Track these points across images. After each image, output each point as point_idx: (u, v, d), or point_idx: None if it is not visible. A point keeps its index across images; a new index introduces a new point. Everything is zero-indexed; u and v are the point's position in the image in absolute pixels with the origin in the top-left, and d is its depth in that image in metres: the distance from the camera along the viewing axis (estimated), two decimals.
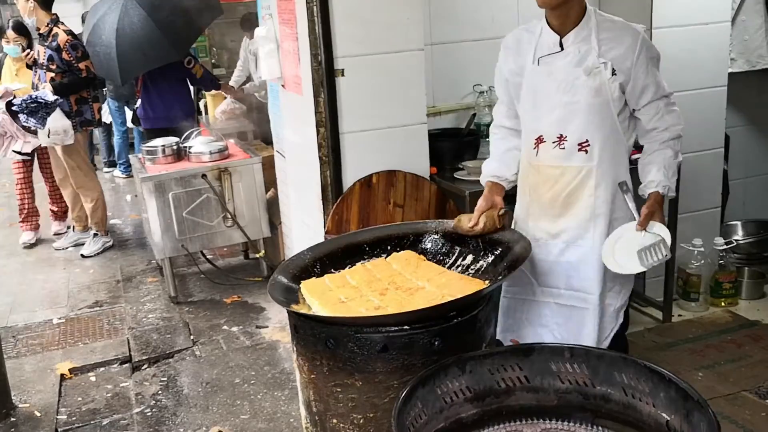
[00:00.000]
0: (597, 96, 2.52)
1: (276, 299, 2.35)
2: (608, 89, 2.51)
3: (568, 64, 2.56)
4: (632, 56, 2.50)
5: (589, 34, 2.54)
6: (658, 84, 2.56)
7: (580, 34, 2.55)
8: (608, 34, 2.53)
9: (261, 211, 4.94)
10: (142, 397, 3.72)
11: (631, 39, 2.51)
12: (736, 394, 3.34)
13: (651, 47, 2.57)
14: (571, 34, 2.56)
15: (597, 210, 2.61)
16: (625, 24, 2.59)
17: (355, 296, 2.33)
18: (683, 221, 4.06)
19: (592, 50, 2.52)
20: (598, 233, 2.61)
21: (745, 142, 4.75)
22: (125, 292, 5.11)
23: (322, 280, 2.49)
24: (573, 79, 2.55)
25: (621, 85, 2.53)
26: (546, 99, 2.63)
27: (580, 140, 2.58)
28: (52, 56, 5.50)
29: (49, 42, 5.51)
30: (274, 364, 3.93)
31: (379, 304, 2.25)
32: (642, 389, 1.80)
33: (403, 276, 2.45)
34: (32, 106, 5.35)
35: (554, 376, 1.90)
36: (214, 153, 4.88)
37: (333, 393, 2.17)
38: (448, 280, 2.36)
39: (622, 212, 2.63)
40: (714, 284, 4.19)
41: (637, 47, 2.51)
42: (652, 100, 2.57)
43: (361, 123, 3.56)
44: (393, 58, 3.48)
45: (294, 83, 3.81)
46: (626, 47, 2.51)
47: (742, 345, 3.79)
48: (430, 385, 1.82)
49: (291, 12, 3.65)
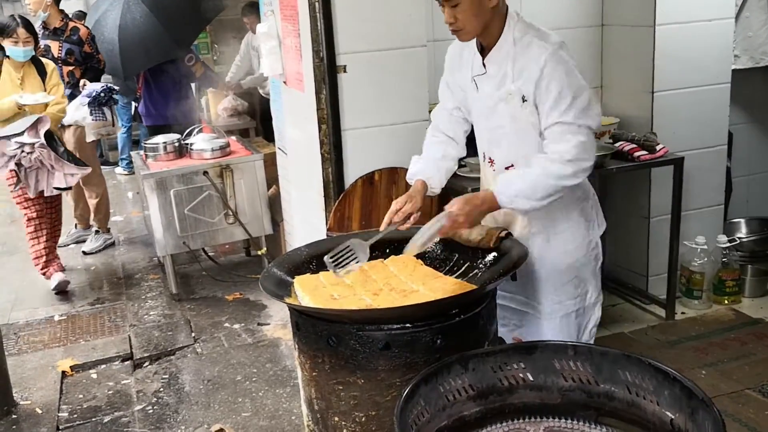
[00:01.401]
0: (515, 122, 2.42)
1: (267, 290, 2.33)
2: (522, 115, 2.40)
3: (491, 87, 2.45)
4: (535, 79, 2.31)
5: (507, 54, 2.38)
6: (557, 109, 2.31)
7: (499, 53, 2.40)
8: (521, 53, 2.35)
9: (263, 208, 4.93)
10: (144, 395, 3.71)
11: (535, 62, 2.31)
12: (739, 393, 3.33)
13: (556, 69, 2.29)
14: (492, 53, 2.42)
15: (532, 229, 2.55)
16: (535, 40, 2.34)
17: (348, 294, 2.31)
18: (686, 219, 4.05)
19: (507, 73, 2.38)
20: (536, 249, 2.52)
21: (748, 139, 4.73)
22: (127, 289, 5.10)
23: (316, 277, 2.47)
24: (494, 104, 2.45)
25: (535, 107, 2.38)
26: (477, 120, 2.59)
27: (506, 164, 2.52)
28: (71, 50, 5.55)
29: (67, 36, 5.55)
30: (275, 362, 3.93)
31: (371, 304, 2.24)
32: (646, 387, 1.77)
33: (398, 278, 2.44)
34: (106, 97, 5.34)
35: (557, 374, 1.88)
36: (215, 150, 4.86)
37: (335, 391, 2.16)
38: (443, 284, 2.34)
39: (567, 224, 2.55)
40: (717, 282, 4.18)
41: (540, 71, 2.30)
42: (550, 125, 2.34)
43: (363, 120, 3.55)
44: (395, 54, 3.47)
45: (296, 80, 3.80)
46: (530, 71, 2.32)
47: (745, 343, 3.78)
48: (432, 383, 1.80)
49: (293, 8, 3.63)
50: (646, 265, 4.21)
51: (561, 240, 2.56)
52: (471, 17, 2.32)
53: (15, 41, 4.70)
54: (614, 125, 4.02)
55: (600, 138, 3.95)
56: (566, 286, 2.60)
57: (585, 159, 2.32)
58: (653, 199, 4.08)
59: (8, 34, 4.64)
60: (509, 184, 2.35)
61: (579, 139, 2.30)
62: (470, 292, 2.22)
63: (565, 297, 2.61)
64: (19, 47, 4.72)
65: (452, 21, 2.34)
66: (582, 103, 2.32)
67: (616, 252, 4.35)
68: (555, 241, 2.55)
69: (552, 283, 2.59)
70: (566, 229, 2.55)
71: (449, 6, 2.31)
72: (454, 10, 2.31)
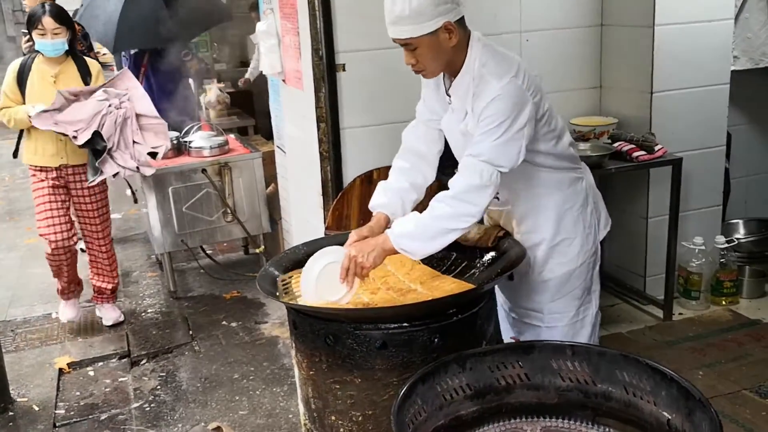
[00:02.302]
0: None
1: (263, 289, 2.33)
2: None
3: (456, 119, 2.40)
4: (479, 114, 2.25)
5: (467, 89, 2.31)
6: (475, 141, 2.25)
7: (461, 85, 2.33)
8: (478, 90, 2.27)
9: (261, 206, 4.92)
10: (141, 392, 3.71)
11: (484, 100, 2.23)
12: (736, 393, 3.33)
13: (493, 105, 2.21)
14: (454, 86, 2.35)
15: (528, 243, 2.51)
16: (491, 79, 2.26)
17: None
18: (684, 219, 4.05)
19: (467, 107, 2.32)
20: (536, 258, 2.49)
21: (747, 140, 4.73)
22: (124, 287, 5.09)
23: None
24: (459, 135, 2.40)
25: None
26: (451, 144, 2.53)
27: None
28: None
29: None
30: (273, 360, 3.92)
31: (368, 302, 2.24)
32: (643, 387, 1.78)
33: (396, 277, 2.44)
34: None
35: (555, 373, 1.89)
36: (214, 148, 4.86)
37: (332, 390, 2.16)
38: (441, 283, 2.34)
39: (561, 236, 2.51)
40: (715, 283, 4.18)
41: (483, 108, 2.24)
42: (466, 154, 2.27)
43: (362, 118, 3.55)
44: (394, 53, 3.40)
45: (295, 78, 3.79)
46: (480, 107, 2.25)
47: (743, 344, 3.78)
48: (429, 382, 1.81)
49: (292, 6, 3.63)
50: (644, 265, 4.21)
51: (558, 252, 2.53)
52: (430, 60, 2.27)
53: (42, 32, 4.02)
54: (613, 125, 4.02)
55: (599, 138, 3.96)
56: (566, 297, 2.58)
57: (468, 202, 2.21)
58: (651, 199, 4.08)
59: (34, 25, 4.03)
60: (400, 224, 2.26)
61: (471, 181, 2.21)
62: (468, 292, 2.22)
63: (568, 308, 2.59)
64: (47, 39, 4.02)
65: (413, 63, 2.29)
66: (502, 139, 2.21)
67: (614, 252, 4.35)
68: (552, 253, 2.53)
69: (551, 295, 2.57)
70: (563, 240, 2.53)
71: (408, 50, 2.26)
72: (414, 52, 2.26)
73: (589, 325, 2.66)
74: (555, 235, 2.52)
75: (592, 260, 2.61)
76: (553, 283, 2.56)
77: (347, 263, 2.22)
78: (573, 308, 2.60)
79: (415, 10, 2.16)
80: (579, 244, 2.55)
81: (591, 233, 2.59)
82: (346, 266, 2.22)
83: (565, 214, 2.52)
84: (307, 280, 2.25)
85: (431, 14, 2.18)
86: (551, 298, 2.58)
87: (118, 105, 4.09)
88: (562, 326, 2.60)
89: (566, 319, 2.60)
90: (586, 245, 2.57)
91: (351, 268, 2.22)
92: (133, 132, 4.18)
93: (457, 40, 2.26)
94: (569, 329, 2.61)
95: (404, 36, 2.22)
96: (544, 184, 2.48)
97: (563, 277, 2.55)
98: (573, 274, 2.56)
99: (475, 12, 3.92)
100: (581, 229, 2.55)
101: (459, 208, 2.21)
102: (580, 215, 2.55)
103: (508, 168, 2.24)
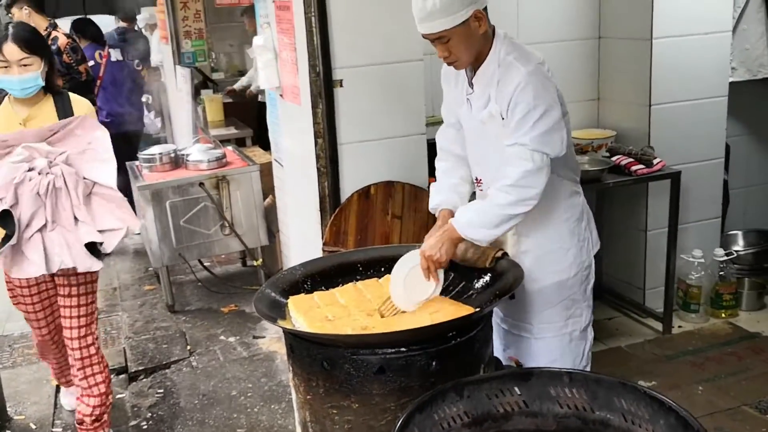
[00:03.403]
0: (499, 142, 2.40)
1: (261, 313, 2.32)
2: (504, 135, 2.37)
3: (478, 107, 2.45)
4: (508, 100, 2.32)
5: (492, 75, 2.38)
6: (517, 130, 2.31)
7: (484, 74, 2.40)
8: (503, 74, 2.35)
9: (259, 219, 4.91)
10: (138, 409, 3.69)
11: (511, 84, 2.31)
12: (736, 409, 3.32)
13: (525, 91, 2.28)
14: (478, 74, 2.43)
15: (522, 247, 2.54)
16: (515, 62, 2.34)
17: (343, 315, 2.30)
18: (683, 232, 4.04)
19: (491, 94, 2.38)
20: (525, 268, 2.47)
21: (745, 151, 4.72)
22: (122, 301, 5.08)
23: (310, 297, 2.46)
24: (480, 123, 2.46)
25: None
26: (468, 139, 2.59)
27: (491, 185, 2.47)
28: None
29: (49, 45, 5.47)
30: (271, 376, 3.91)
31: (366, 325, 2.23)
32: (641, 415, 1.76)
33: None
34: None
35: (553, 400, 1.87)
36: (211, 161, 4.85)
37: (329, 414, 2.15)
38: (439, 305, 2.33)
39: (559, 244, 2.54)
40: (714, 295, 4.16)
41: (512, 92, 2.30)
42: (508, 146, 2.34)
43: (359, 133, 3.54)
44: (392, 68, 3.45)
45: (292, 93, 3.78)
46: (507, 92, 2.32)
47: (742, 357, 3.77)
48: (427, 411, 1.79)
49: (289, 22, 3.62)
50: (643, 278, 4.20)
51: (551, 260, 2.54)
52: (463, 50, 2.34)
53: (5, 65, 2.90)
54: (611, 138, 4.01)
55: (597, 151, 3.95)
56: (556, 308, 2.58)
57: (527, 187, 2.29)
58: (650, 212, 4.07)
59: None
60: (462, 213, 2.38)
61: (525, 167, 2.28)
62: (467, 316, 2.20)
63: (556, 318, 2.60)
64: (13, 74, 2.91)
65: (446, 55, 2.36)
66: (543, 127, 2.29)
67: (613, 265, 4.34)
68: (545, 260, 2.54)
69: (541, 304, 2.58)
70: (558, 249, 2.54)
71: (441, 43, 2.32)
72: (447, 45, 2.32)
73: (578, 339, 2.66)
74: (550, 243, 2.53)
75: (585, 274, 2.62)
76: (544, 291, 2.57)
77: (424, 263, 2.36)
78: (561, 319, 2.61)
79: (446, 3, 2.23)
80: (573, 255, 2.56)
81: (584, 246, 2.60)
82: (425, 266, 2.37)
83: (562, 223, 2.54)
84: (398, 293, 2.37)
85: (461, 4, 2.25)
86: (542, 308, 2.59)
87: (46, 169, 2.85)
88: (550, 337, 2.62)
89: (554, 329, 2.61)
90: (580, 257, 2.58)
91: (429, 266, 2.36)
92: (74, 206, 2.88)
93: (485, 29, 2.34)
94: (558, 341, 2.62)
95: (438, 30, 2.28)
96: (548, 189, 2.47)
97: (555, 285, 2.56)
98: (565, 284, 2.57)
99: None
100: (576, 241, 2.57)
101: (519, 194, 2.29)
102: (576, 227, 2.57)
103: (554, 154, 2.33)
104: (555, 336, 2.62)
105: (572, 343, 2.63)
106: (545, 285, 2.56)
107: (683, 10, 3.87)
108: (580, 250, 2.58)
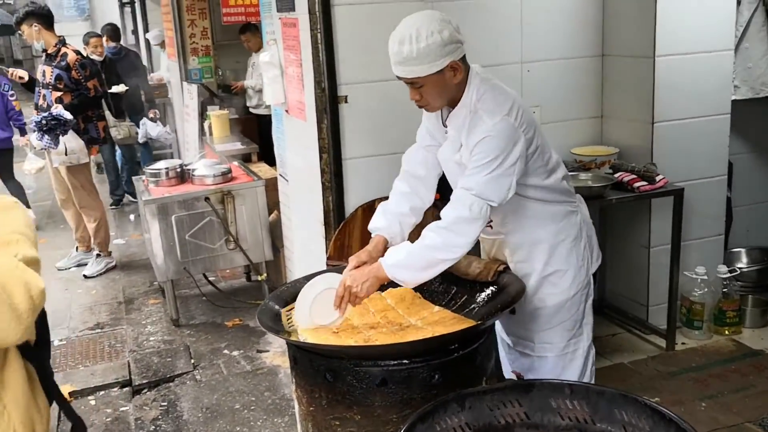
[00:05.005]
0: None
1: (264, 325, 2.34)
2: None
3: (451, 149, 2.44)
4: (471, 150, 2.30)
5: (463, 122, 2.36)
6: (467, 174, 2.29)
7: (458, 115, 2.38)
8: (473, 124, 2.32)
9: (263, 234, 4.93)
10: (142, 422, 3.70)
11: (478, 137, 2.27)
12: (739, 426, 3.31)
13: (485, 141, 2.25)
14: (451, 117, 2.41)
15: (520, 272, 2.53)
16: (484, 116, 2.30)
17: (347, 327, 2.33)
18: (686, 248, 4.04)
19: (462, 140, 2.36)
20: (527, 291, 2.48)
21: (748, 169, 4.74)
22: (127, 314, 5.10)
23: None
24: (454, 164, 2.44)
25: None
26: (448, 176, 2.56)
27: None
28: (60, 75, 5.54)
29: (57, 62, 5.56)
30: (274, 390, 3.91)
31: (370, 338, 2.24)
32: (642, 427, 1.77)
33: (395, 311, 2.44)
34: (52, 124, 5.31)
35: (554, 412, 1.88)
36: (217, 176, 4.88)
37: (332, 426, 2.16)
38: (441, 318, 2.35)
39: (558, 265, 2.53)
40: (718, 312, 4.16)
41: (477, 143, 2.27)
42: (458, 186, 2.32)
43: (363, 149, 3.57)
44: (396, 84, 3.43)
45: (297, 109, 3.82)
46: (473, 142, 2.29)
47: (746, 374, 3.76)
48: (429, 422, 1.80)
49: (295, 38, 3.67)
50: (646, 294, 4.20)
51: (550, 282, 2.54)
52: (436, 96, 2.34)
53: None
54: (614, 155, 4.03)
55: (600, 168, 3.97)
56: (556, 329, 2.59)
57: (458, 234, 2.24)
58: (653, 228, 4.08)
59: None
60: (392, 254, 2.32)
61: (461, 213, 2.24)
62: (470, 329, 2.22)
63: (557, 339, 2.60)
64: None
65: (417, 98, 2.35)
66: (493, 174, 2.24)
67: (616, 281, 4.35)
68: (544, 284, 2.54)
69: (542, 324, 2.58)
70: (555, 271, 2.54)
71: (413, 87, 2.32)
72: (419, 90, 2.31)
73: (581, 357, 2.66)
74: (547, 266, 2.53)
75: (584, 292, 2.62)
76: (544, 313, 2.57)
77: (342, 291, 2.30)
78: (563, 340, 2.61)
79: (423, 52, 2.22)
80: (571, 276, 2.56)
81: (584, 266, 2.60)
82: (340, 294, 2.31)
83: (559, 245, 2.54)
84: (303, 305, 2.34)
85: (438, 55, 2.23)
86: (542, 328, 2.59)
87: None
88: (552, 356, 2.62)
89: (557, 350, 2.61)
90: (579, 277, 2.58)
91: (345, 296, 2.30)
92: None
93: (461, 78, 2.32)
94: (560, 360, 2.63)
95: (411, 76, 2.28)
96: (537, 215, 2.50)
97: (555, 307, 2.56)
98: (564, 306, 2.57)
99: (477, 43, 3.96)
100: (574, 262, 2.56)
101: (449, 239, 2.25)
102: (573, 248, 2.56)
103: (498, 202, 2.28)
104: (557, 355, 2.62)
105: (575, 361, 2.64)
106: (545, 307, 2.56)
107: (686, 28, 3.90)
108: (579, 270, 2.57)
